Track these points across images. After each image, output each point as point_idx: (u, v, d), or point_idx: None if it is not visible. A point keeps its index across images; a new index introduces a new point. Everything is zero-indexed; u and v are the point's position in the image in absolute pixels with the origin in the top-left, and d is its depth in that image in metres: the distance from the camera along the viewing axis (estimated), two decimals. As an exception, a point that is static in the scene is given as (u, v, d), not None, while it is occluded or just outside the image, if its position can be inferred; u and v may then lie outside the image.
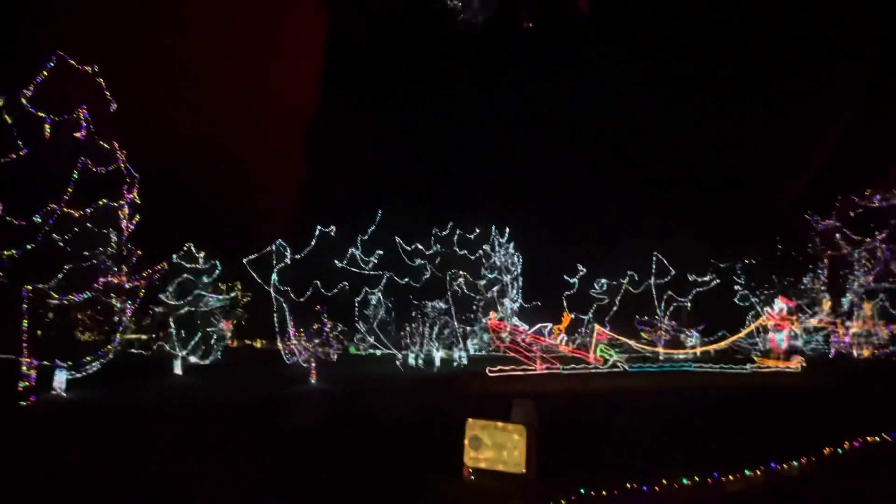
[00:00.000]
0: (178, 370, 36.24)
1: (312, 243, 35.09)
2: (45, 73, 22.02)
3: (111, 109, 24.19)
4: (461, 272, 42.68)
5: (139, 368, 34.40)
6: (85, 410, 20.73)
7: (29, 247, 21.32)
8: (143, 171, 26.03)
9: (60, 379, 24.04)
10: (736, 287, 53.99)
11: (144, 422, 18.39)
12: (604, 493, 10.15)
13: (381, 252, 39.07)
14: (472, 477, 11.38)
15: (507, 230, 47.92)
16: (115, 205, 23.99)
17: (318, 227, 35.72)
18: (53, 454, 13.89)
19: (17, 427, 17.52)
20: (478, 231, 44.47)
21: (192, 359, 38.78)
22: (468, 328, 44.40)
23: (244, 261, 33.91)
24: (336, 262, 36.39)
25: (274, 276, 33.00)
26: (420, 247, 41.47)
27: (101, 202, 23.29)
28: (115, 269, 24.66)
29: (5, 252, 21.01)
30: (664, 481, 10.89)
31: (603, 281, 52.99)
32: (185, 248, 39.13)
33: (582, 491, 10.12)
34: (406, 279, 40.20)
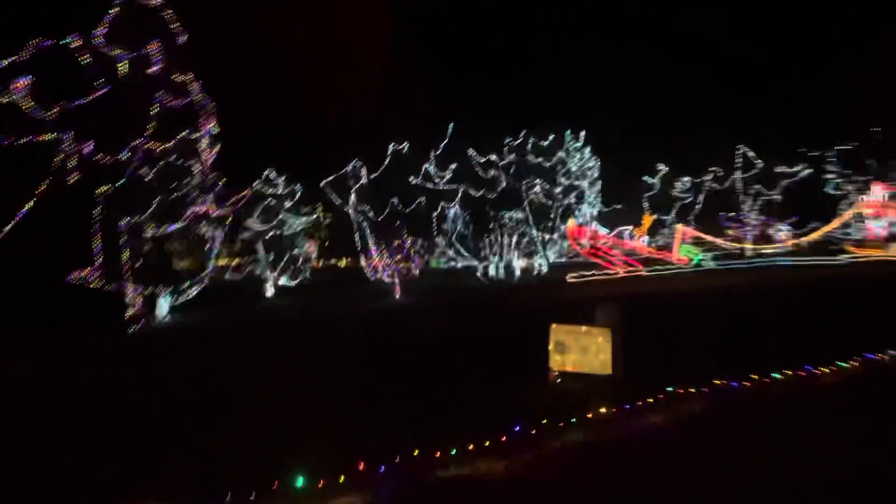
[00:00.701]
0: (269, 292, 37.85)
1: (387, 161, 35.24)
2: (115, 9, 22.33)
3: (181, 42, 24.40)
4: (537, 180, 42.12)
5: (233, 292, 36.03)
6: (187, 334, 21.97)
7: (120, 182, 22.23)
8: (220, 99, 26.45)
9: (163, 305, 25.57)
10: (828, 176, 51.21)
11: (243, 342, 19.39)
12: (692, 389, 10.14)
13: (455, 165, 38.89)
14: (559, 380, 11.55)
15: (583, 134, 46.61)
16: (195, 136, 24.58)
17: (392, 145, 35.74)
18: (166, 374, 14.91)
19: (130, 352, 18.83)
20: (552, 137, 43.43)
21: (282, 280, 40.36)
22: (547, 236, 44.13)
23: (322, 183, 34.47)
24: (411, 178, 36.53)
25: (352, 196, 33.48)
26: (494, 157, 40.97)
27: (181, 135, 23.88)
28: (202, 199, 25.54)
29: (99, 189, 22.00)
30: (754, 377, 10.78)
31: (686, 179, 51.32)
32: (265, 174, 40.10)
33: (669, 389, 10.13)
34: (482, 191, 40.01)
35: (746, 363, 11.75)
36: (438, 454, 7.44)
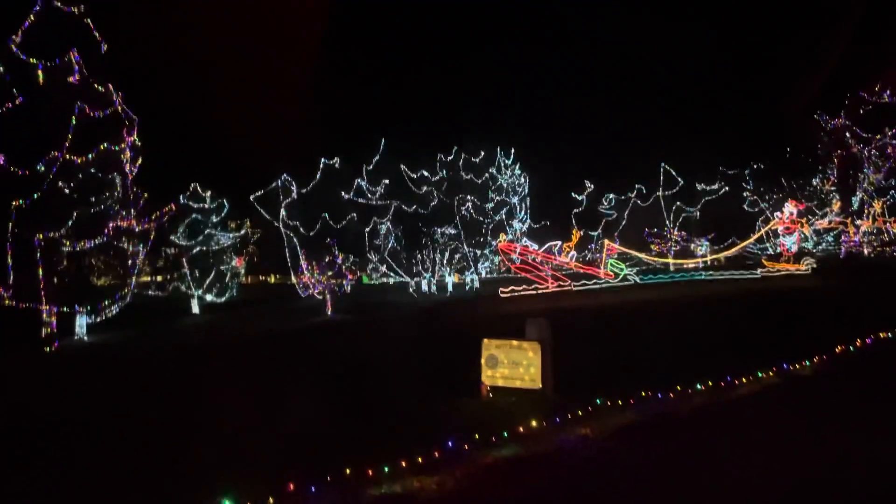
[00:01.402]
0: (195, 309, 36.80)
1: (318, 176, 34.90)
2: (31, 17, 21.49)
3: (102, 51, 23.65)
4: (468, 196, 42.50)
5: (157, 310, 34.88)
6: (105, 354, 21.14)
7: (35, 196, 21.28)
8: (141, 112, 25.71)
9: (81, 324, 24.52)
10: (745, 193, 53.62)
11: (165, 362, 18.77)
12: (619, 402, 10.38)
13: (387, 181, 38.86)
14: (490, 394, 11.63)
15: (513, 151, 47.36)
16: (117, 148, 23.77)
17: (322, 160, 35.44)
18: (78, 398, 14.28)
19: (44, 372, 17.95)
20: (483, 154, 43.95)
21: (209, 297, 39.31)
22: (478, 251, 44.56)
23: (251, 197, 33.86)
24: (343, 193, 36.28)
25: (282, 211, 32.99)
26: (426, 173, 41.15)
27: (101, 146, 23.05)
28: (124, 213, 24.69)
29: (13, 203, 20.99)
30: (678, 387, 11.12)
31: (611, 196, 52.78)
32: (191, 188, 39.08)
33: (598, 401, 10.34)
34: (414, 206, 40.09)
35: (672, 373, 12.12)
36: (370, 472, 7.34)
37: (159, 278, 44.61)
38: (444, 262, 43.20)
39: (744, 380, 11.84)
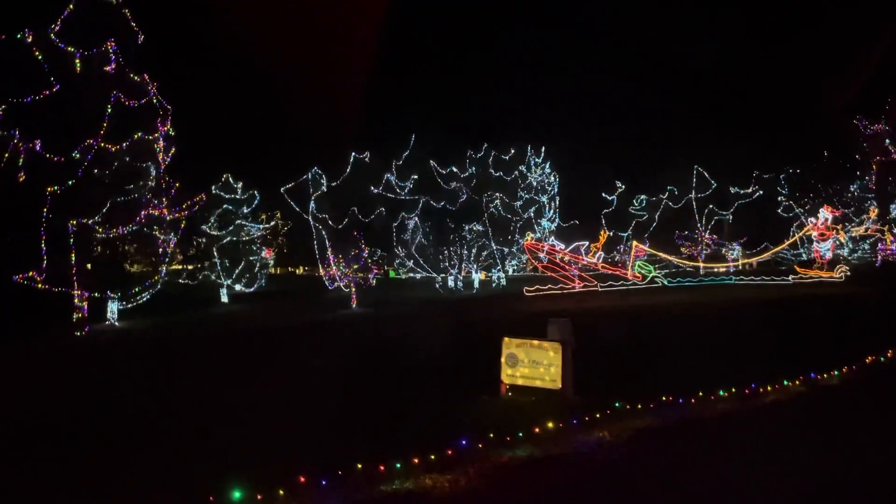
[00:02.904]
0: (224, 298, 37.29)
1: (348, 170, 35.09)
2: (71, 6, 21.89)
3: (139, 41, 24.01)
4: (497, 193, 42.38)
5: (186, 298, 35.40)
6: (132, 339, 21.52)
7: (70, 182, 21.69)
8: (179, 102, 26.06)
9: (112, 309, 24.98)
10: (780, 198, 52.65)
11: (190, 349, 19.02)
12: (639, 406, 10.23)
13: (416, 177, 38.93)
14: (510, 393, 11.56)
15: (543, 149, 47.08)
16: (150, 138, 24.15)
17: (353, 154, 35.63)
18: (107, 380, 14.54)
19: (72, 356, 18.31)
20: (513, 151, 43.80)
21: (238, 287, 39.78)
22: (505, 249, 44.42)
23: (282, 190, 34.18)
24: (372, 188, 36.45)
25: (311, 204, 33.22)
26: (455, 170, 41.12)
27: (136, 136, 23.43)
28: (156, 201, 25.07)
29: (48, 189, 21.43)
30: (700, 393, 10.93)
31: (642, 197, 52.24)
32: (223, 179, 39.55)
33: (616, 405, 10.22)
34: (442, 202, 40.11)
35: (696, 378, 11.95)
36: (382, 468, 7.32)
37: (189, 267, 45.35)
38: (471, 259, 43.16)
39: (769, 388, 11.62)
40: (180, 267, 47.62)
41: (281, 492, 6.68)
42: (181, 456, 8.21)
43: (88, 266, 23.69)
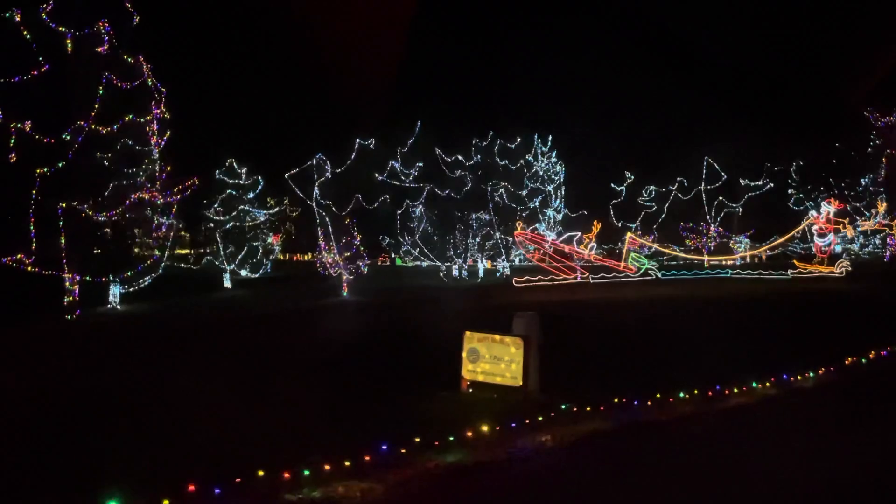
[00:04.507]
0: (227, 283, 37.25)
1: (352, 157, 34.78)
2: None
3: (133, 22, 23.83)
4: (503, 182, 41.90)
5: (190, 283, 35.34)
6: (126, 323, 21.48)
7: (60, 164, 21.56)
8: (182, 87, 25.88)
9: (115, 293, 25.00)
10: (790, 190, 51.59)
11: (165, 335, 18.81)
12: (587, 408, 9.84)
13: (421, 164, 38.58)
14: (471, 390, 11.25)
15: (550, 138, 46.43)
16: (143, 120, 23.97)
17: (358, 141, 35.29)
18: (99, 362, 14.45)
19: (66, 339, 18.28)
20: (518, 140, 43.22)
21: (243, 272, 39.74)
22: (510, 239, 43.94)
23: (286, 175, 33.92)
24: (377, 175, 36.17)
25: (315, 190, 32.93)
26: (461, 158, 40.69)
27: (128, 118, 23.26)
28: (149, 185, 24.95)
29: (37, 170, 21.28)
30: (658, 395, 10.51)
31: (651, 187, 51.42)
32: (227, 164, 39.43)
33: (563, 406, 9.86)
34: (447, 191, 39.75)
35: (669, 376, 11.58)
36: (287, 475, 6.90)
37: (194, 252, 45.48)
38: (476, 248, 42.77)
39: (735, 390, 11.16)
40: (186, 251, 47.78)
41: (165, 502, 6.17)
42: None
43: (78, 249, 23.47)
